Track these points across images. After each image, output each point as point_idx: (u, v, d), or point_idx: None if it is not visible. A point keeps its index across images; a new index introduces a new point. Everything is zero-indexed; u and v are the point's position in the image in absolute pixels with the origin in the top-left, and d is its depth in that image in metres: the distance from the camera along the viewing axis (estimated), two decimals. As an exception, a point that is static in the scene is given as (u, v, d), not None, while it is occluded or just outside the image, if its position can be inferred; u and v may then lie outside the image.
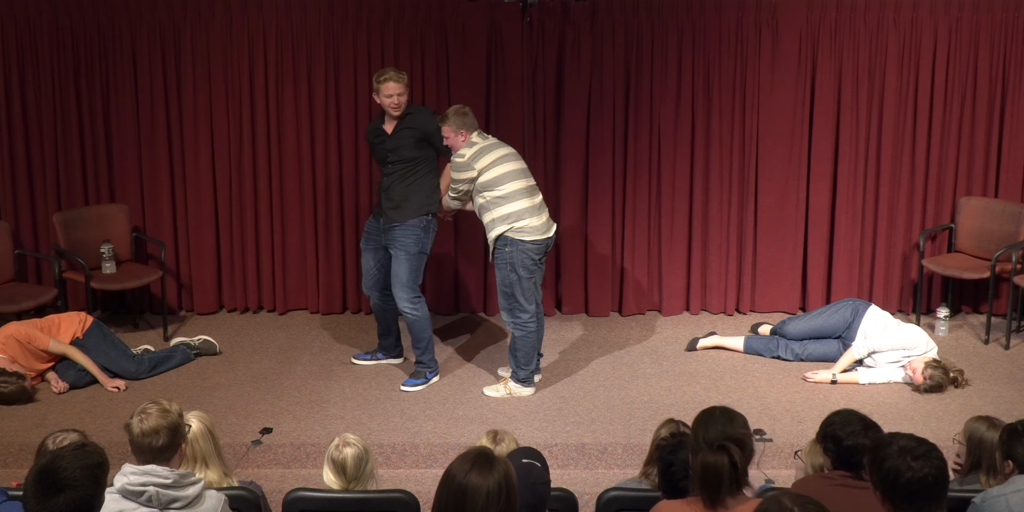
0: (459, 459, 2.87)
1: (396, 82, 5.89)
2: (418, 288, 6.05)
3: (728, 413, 3.50)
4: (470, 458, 2.85)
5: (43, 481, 2.77)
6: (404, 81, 5.92)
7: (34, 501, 2.76)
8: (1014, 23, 6.96)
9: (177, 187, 7.24)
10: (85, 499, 2.78)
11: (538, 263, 5.91)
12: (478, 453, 2.88)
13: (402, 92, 5.91)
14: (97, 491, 2.82)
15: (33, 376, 6.07)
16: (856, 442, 3.52)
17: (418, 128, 5.97)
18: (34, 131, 7.11)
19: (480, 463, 2.82)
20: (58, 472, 2.77)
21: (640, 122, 7.10)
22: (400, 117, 5.97)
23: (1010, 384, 6.19)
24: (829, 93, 7.05)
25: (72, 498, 2.75)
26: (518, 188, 5.81)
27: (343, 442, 3.90)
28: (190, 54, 7.02)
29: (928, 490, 2.91)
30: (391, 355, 6.49)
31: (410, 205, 5.99)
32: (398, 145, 6.01)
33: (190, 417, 3.95)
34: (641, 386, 6.21)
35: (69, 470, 2.77)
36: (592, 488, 4.90)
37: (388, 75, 5.90)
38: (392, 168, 6.04)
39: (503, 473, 2.82)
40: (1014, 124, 7.07)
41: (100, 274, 6.88)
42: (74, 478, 2.77)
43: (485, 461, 2.83)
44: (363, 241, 6.34)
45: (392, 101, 5.91)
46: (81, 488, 2.77)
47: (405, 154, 6.00)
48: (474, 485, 2.78)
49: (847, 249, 7.24)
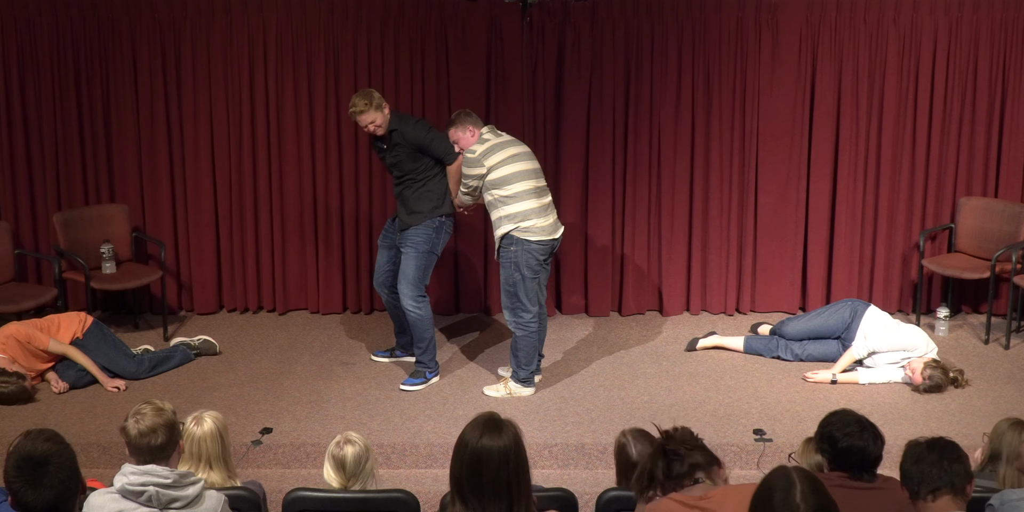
0: (470, 426, 3.03)
1: (365, 112, 5.84)
2: (423, 288, 6.05)
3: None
4: (480, 423, 3.02)
5: (25, 467, 2.86)
6: (375, 107, 5.84)
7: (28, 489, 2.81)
8: (1014, 23, 6.96)
9: (177, 187, 7.24)
10: (68, 461, 2.91)
11: (543, 264, 5.92)
12: (487, 418, 3.05)
13: (375, 118, 5.87)
14: (72, 453, 2.95)
15: (33, 376, 6.08)
16: (851, 444, 3.51)
17: (407, 143, 5.97)
18: (34, 131, 7.12)
19: (490, 427, 3.00)
20: (31, 453, 2.87)
21: (640, 122, 7.10)
22: (389, 132, 5.97)
23: (1010, 384, 6.19)
24: (829, 93, 7.05)
25: (59, 465, 2.87)
26: (526, 188, 5.81)
27: (345, 440, 3.91)
28: (190, 54, 7.02)
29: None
30: (409, 352, 6.47)
31: (422, 210, 6.03)
32: (396, 161, 6.04)
33: (206, 416, 3.95)
34: (641, 386, 6.21)
35: (38, 446, 2.88)
36: (592, 488, 4.90)
37: (358, 108, 5.84)
38: (400, 179, 6.09)
39: (512, 434, 3.01)
40: (1014, 124, 7.07)
41: (100, 274, 6.88)
42: (47, 449, 2.88)
43: (494, 425, 3.01)
44: (380, 238, 6.40)
45: (371, 128, 5.92)
46: (59, 453, 2.89)
47: (406, 167, 6.03)
48: (487, 448, 2.95)
49: (847, 249, 7.25)
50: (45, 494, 2.80)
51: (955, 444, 3.23)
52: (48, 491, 2.80)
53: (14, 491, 2.84)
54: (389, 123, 5.95)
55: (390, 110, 5.98)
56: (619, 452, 3.86)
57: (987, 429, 5.62)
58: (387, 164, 6.13)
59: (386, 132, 5.98)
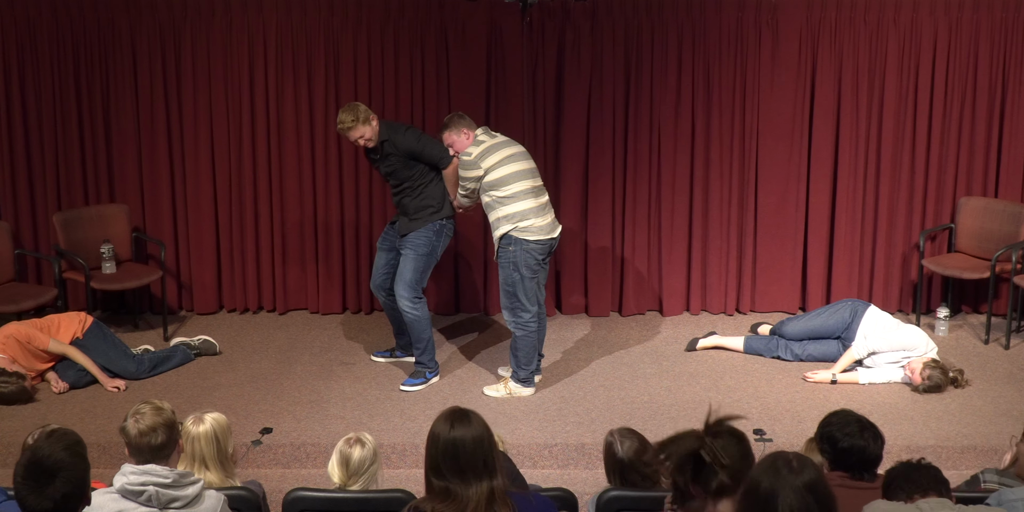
0: (438, 421, 3.22)
1: (353, 128, 5.84)
2: (420, 290, 6.05)
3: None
4: (446, 416, 3.23)
5: (33, 473, 2.80)
6: (362, 121, 5.84)
7: (31, 494, 2.78)
8: (1014, 23, 6.96)
9: (177, 187, 7.24)
10: (78, 476, 2.83)
11: (541, 263, 5.92)
12: (452, 410, 3.26)
13: (364, 133, 5.88)
14: (86, 466, 2.88)
15: (33, 376, 6.07)
16: (852, 444, 3.52)
17: (399, 152, 5.96)
18: (34, 131, 7.11)
19: (457, 418, 3.22)
20: (44, 460, 2.80)
21: (640, 122, 7.10)
22: (381, 143, 5.97)
23: (1010, 384, 6.19)
24: (829, 93, 7.05)
25: (66, 479, 2.80)
26: (524, 188, 5.81)
27: (356, 439, 3.93)
28: (190, 54, 7.02)
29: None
30: (409, 352, 6.48)
31: (423, 215, 6.03)
32: (391, 170, 6.05)
33: (206, 417, 3.95)
34: (641, 386, 6.21)
35: (54, 454, 2.81)
36: (592, 488, 4.90)
37: (345, 124, 5.85)
38: (397, 187, 6.09)
39: (480, 422, 3.23)
40: (1014, 124, 7.07)
41: (100, 274, 6.88)
42: (61, 459, 2.81)
43: (462, 415, 3.24)
44: (380, 241, 6.39)
45: (362, 142, 5.93)
46: (70, 467, 2.82)
47: (402, 175, 6.03)
48: (460, 437, 3.17)
49: (847, 249, 7.24)
50: (44, 504, 2.79)
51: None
52: (47, 501, 2.78)
53: (17, 489, 2.84)
54: (380, 134, 5.94)
55: (378, 120, 5.97)
56: (607, 450, 3.89)
57: (987, 429, 5.65)
58: (383, 174, 6.13)
59: (377, 143, 5.97)
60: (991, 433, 5.54)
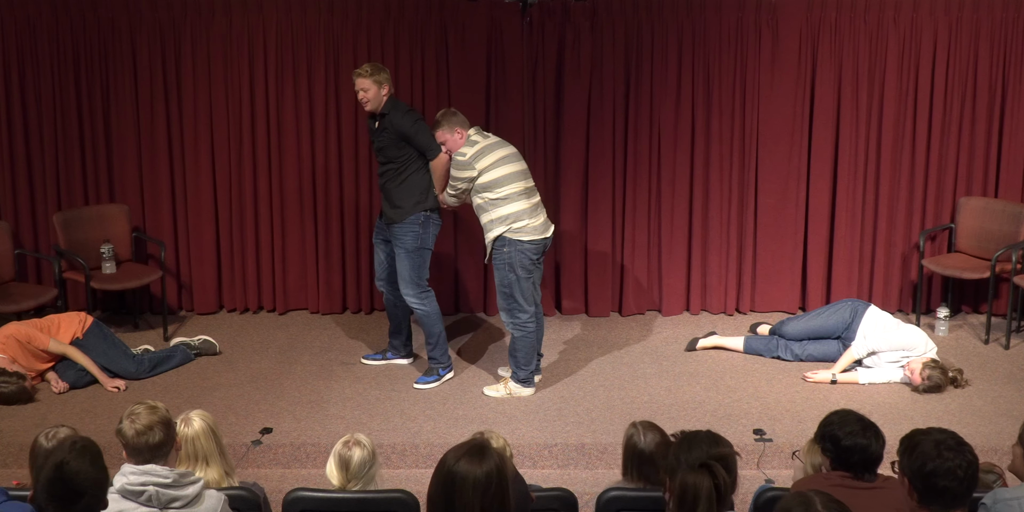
0: (454, 447, 2.89)
1: (363, 77, 5.88)
2: (425, 283, 6.04)
3: (714, 436, 3.17)
4: (464, 447, 2.87)
5: (60, 491, 2.82)
6: (374, 77, 5.87)
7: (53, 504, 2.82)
8: (1014, 23, 6.96)
9: (177, 187, 7.24)
10: (102, 490, 2.90)
11: (536, 263, 5.91)
12: (473, 443, 2.88)
13: (367, 88, 5.89)
14: (107, 476, 2.92)
15: (33, 376, 6.08)
16: (854, 442, 3.52)
17: (393, 129, 5.95)
18: (34, 131, 7.12)
19: (472, 452, 2.82)
20: (72, 478, 2.82)
21: (640, 122, 7.10)
22: (380, 115, 5.97)
23: (1010, 384, 6.19)
24: (829, 93, 7.05)
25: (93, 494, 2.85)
26: (517, 190, 5.80)
27: (354, 441, 3.91)
28: (190, 54, 7.02)
29: (954, 481, 3.03)
30: (400, 355, 6.48)
31: (405, 205, 5.99)
32: (381, 145, 6.02)
33: (192, 416, 3.96)
34: (641, 386, 6.21)
35: (81, 474, 2.83)
36: (592, 488, 4.90)
37: (361, 70, 5.91)
38: (383, 167, 6.06)
39: (494, 465, 2.80)
40: (1014, 124, 7.07)
41: (100, 274, 6.88)
42: (88, 479, 2.83)
43: (478, 451, 2.83)
44: (374, 235, 6.39)
45: (360, 96, 5.94)
46: (98, 484, 2.87)
47: (390, 154, 6.00)
48: (462, 472, 2.78)
49: (847, 249, 7.24)
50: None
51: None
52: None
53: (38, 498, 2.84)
54: (384, 105, 5.94)
55: (390, 95, 5.96)
56: (627, 441, 3.87)
57: (987, 429, 5.65)
58: (375, 148, 6.11)
59: (379, 113, 5.97)
60: (991, 433, 5.54)
